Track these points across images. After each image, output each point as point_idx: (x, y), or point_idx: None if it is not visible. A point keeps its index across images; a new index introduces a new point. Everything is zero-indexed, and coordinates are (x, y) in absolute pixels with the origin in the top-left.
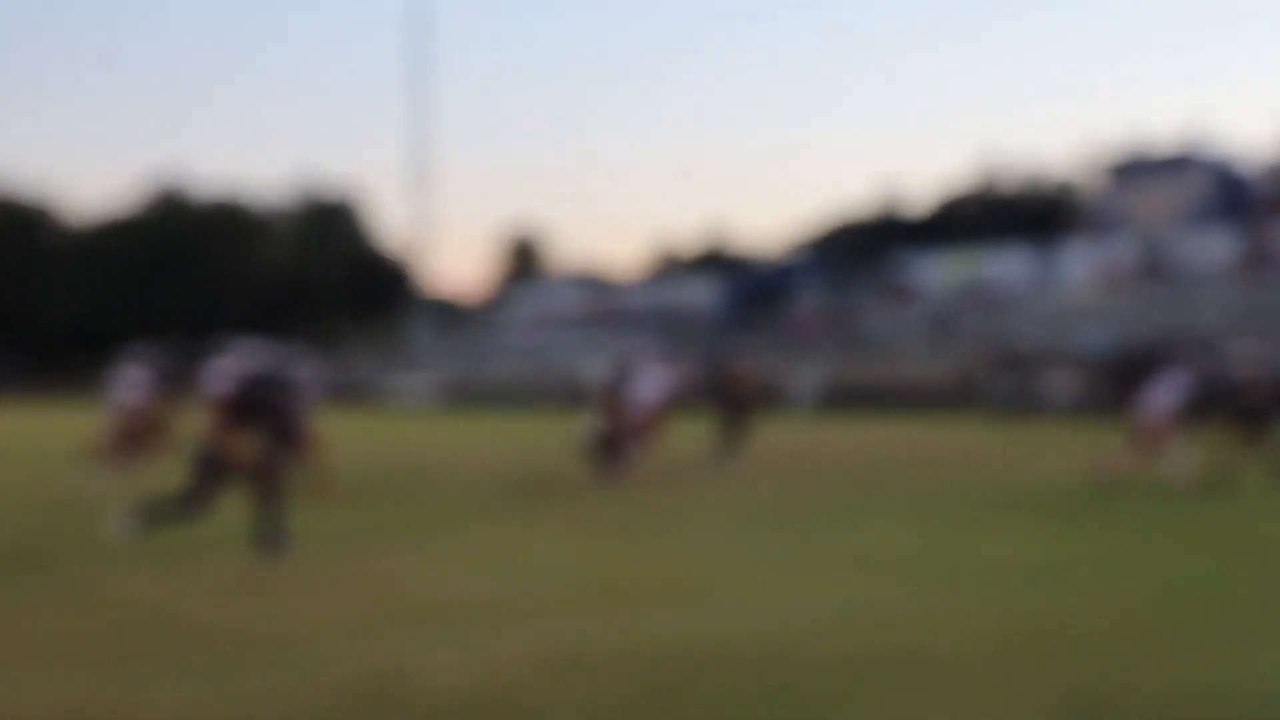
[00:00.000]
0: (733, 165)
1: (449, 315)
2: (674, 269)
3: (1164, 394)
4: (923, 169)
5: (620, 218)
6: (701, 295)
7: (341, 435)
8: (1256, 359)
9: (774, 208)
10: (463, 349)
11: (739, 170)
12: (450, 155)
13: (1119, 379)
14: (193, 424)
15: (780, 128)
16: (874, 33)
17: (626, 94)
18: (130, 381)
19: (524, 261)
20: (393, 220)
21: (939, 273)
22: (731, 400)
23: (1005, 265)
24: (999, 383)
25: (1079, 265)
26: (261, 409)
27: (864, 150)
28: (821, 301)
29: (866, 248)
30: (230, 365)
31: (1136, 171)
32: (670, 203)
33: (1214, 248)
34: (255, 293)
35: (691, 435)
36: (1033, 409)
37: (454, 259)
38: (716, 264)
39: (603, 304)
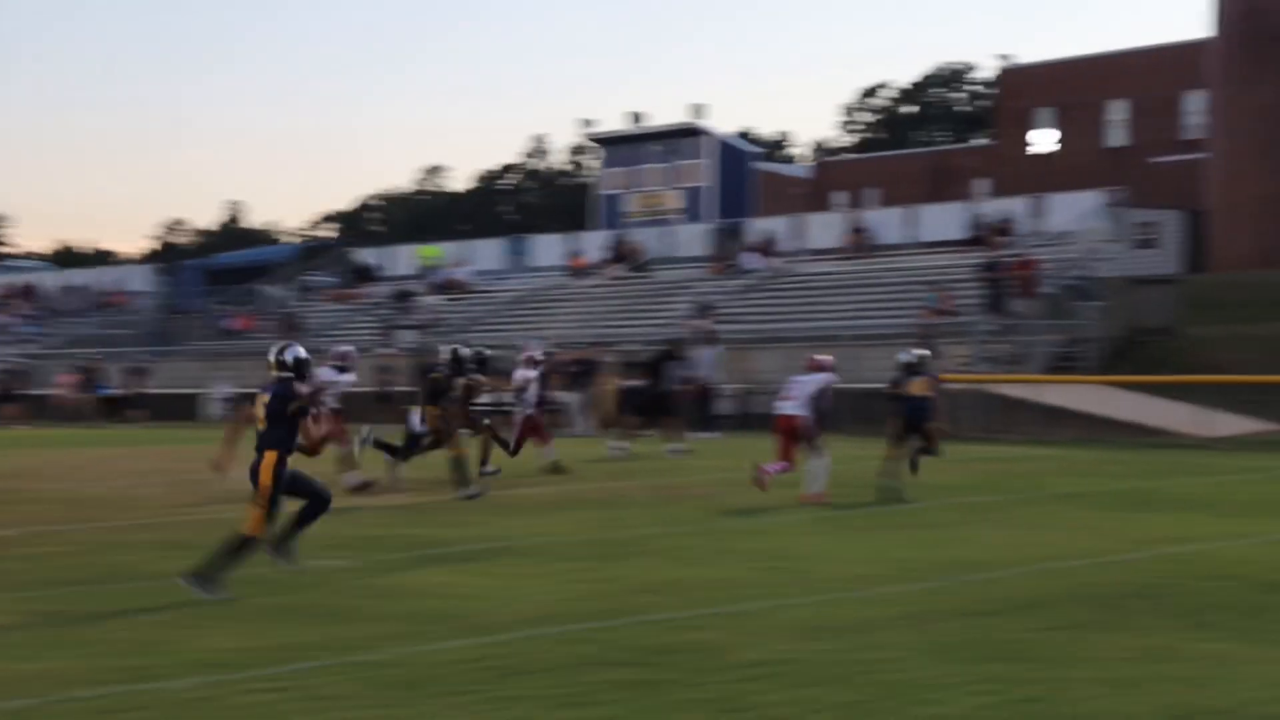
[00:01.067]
0: (260, 146)
1: None
2: (175, 252)
3: (798, 400)
4: (466, 157)
5: (130, 198)
6: (150, 284)
7: None
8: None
9: (306, 192)
10: None
11: (265, 152)
12: None
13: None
14: None
15: (320, 109)
16: (425, 13)
17: (144, 67)
18: None
19: None
20: None
21: (409, 266)
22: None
23: (484, 256)
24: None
25: (552, 255)
26: None
27: (408, 136)
28: (280, 296)
29: (348, 240)
30: None
31: (639, 143)
32: (192, 183)
33: (697, 236)
34: None
35: None
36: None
37: None
38: (221, 248)
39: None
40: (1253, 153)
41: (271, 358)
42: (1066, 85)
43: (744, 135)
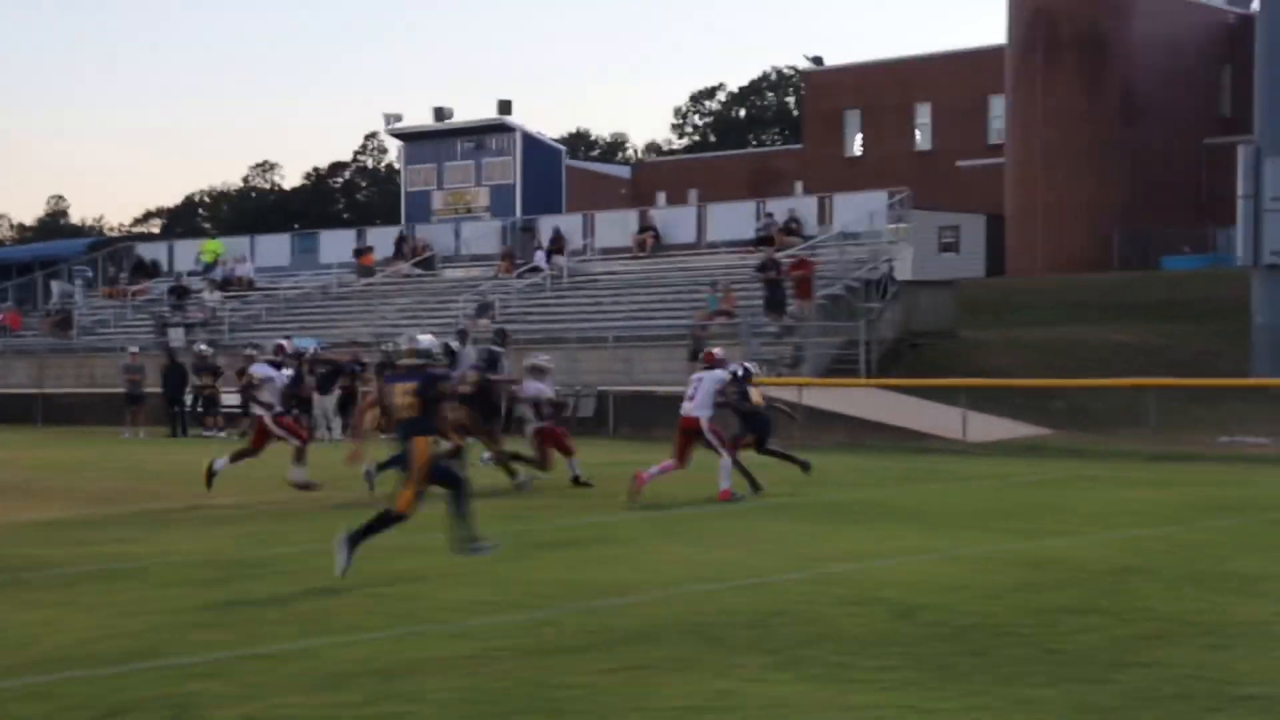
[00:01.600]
0: (90, 141)
1: None
2: None
3: (700, 400)
4: (303, 155)
5: None
6: None
7: None
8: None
9: (136, 188)
10: None
11: (96, 147)
12: None
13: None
14: None
15: (153, 104)
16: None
17: None
18: None
19: None
20: None
21: (189, 261)
22: None
23: (272, 252)
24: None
25: (343, 251)
26: None
27: (243, 133)
28: (61, 292)
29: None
30: None
31: (444, 139)
32: (19, 178)
33: (495, 233)
34: None
35: None
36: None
37: None
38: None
39: None
40: (1044, 158)
41: (421, 345)
42: (873, 89)
43: (578, 136)
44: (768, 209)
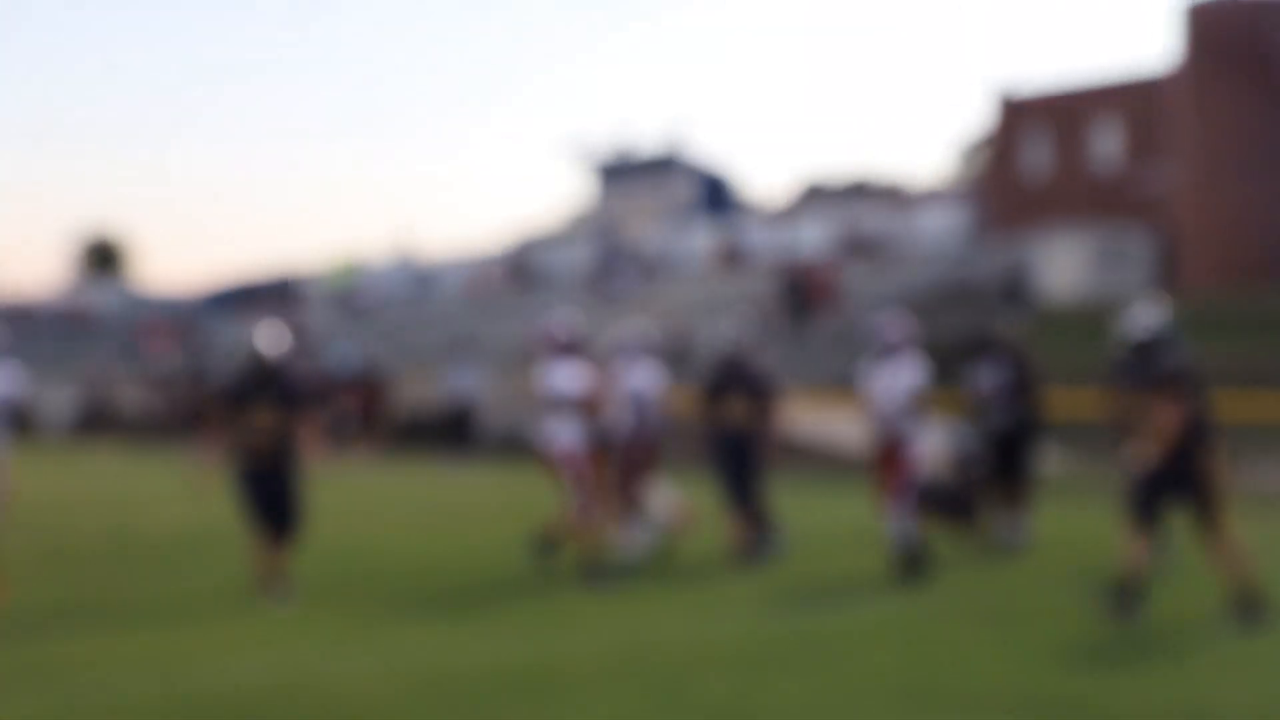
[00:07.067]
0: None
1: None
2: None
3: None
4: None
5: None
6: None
7: None
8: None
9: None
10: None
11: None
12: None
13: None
14: None
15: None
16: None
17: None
18: None
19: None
20: None
21: (316, 287)
22: None
23: (380, 278)
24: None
25: (455, 276)
26: None
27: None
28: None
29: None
30: None
31: (623, 173)
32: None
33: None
34: None
35: None
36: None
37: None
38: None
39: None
40: None
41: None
42: None
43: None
44: None
